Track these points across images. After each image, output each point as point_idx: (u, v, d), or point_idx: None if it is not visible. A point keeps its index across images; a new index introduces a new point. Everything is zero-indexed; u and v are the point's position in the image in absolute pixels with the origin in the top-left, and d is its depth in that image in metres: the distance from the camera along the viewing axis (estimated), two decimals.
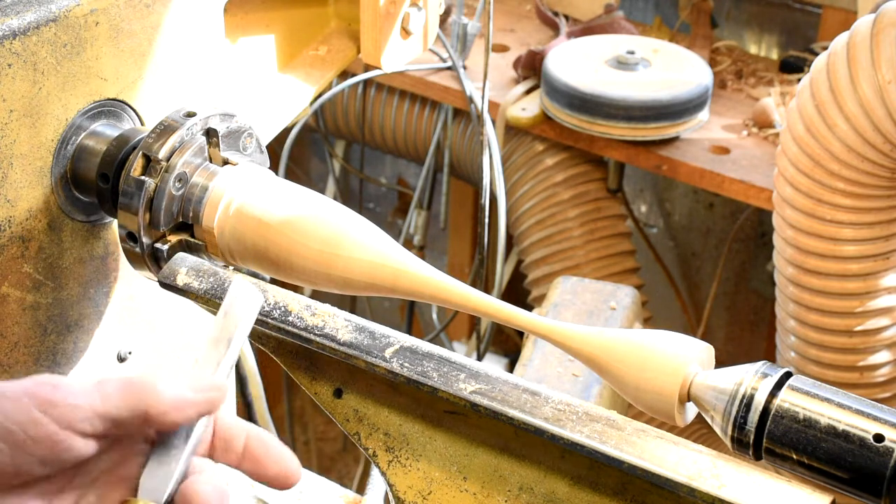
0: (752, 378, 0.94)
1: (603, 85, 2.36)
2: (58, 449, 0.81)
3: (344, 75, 2.46)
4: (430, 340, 1.55)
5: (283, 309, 1.05)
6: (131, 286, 1.26)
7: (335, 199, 1.84)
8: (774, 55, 2.90)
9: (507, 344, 3.14)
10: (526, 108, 2.51)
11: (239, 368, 1.74)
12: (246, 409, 1.78)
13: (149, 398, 0.83)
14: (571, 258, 2.57)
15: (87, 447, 0.83)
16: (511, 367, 2.48)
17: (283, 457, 0.87)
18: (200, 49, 1.28)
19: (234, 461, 0.89)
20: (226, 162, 1.13)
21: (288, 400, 3.23)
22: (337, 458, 3.54)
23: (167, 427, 0.85)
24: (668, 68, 2.43)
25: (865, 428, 0.89)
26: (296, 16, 1.54)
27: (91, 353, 1.24)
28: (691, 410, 0.99)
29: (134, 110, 1.21)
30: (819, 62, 1.78)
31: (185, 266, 1.07)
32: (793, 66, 2.64)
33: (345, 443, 3.50)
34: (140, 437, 0.87)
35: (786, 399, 0.92)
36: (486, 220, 2.23)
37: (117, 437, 0.86)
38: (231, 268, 1.13)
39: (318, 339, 1.02)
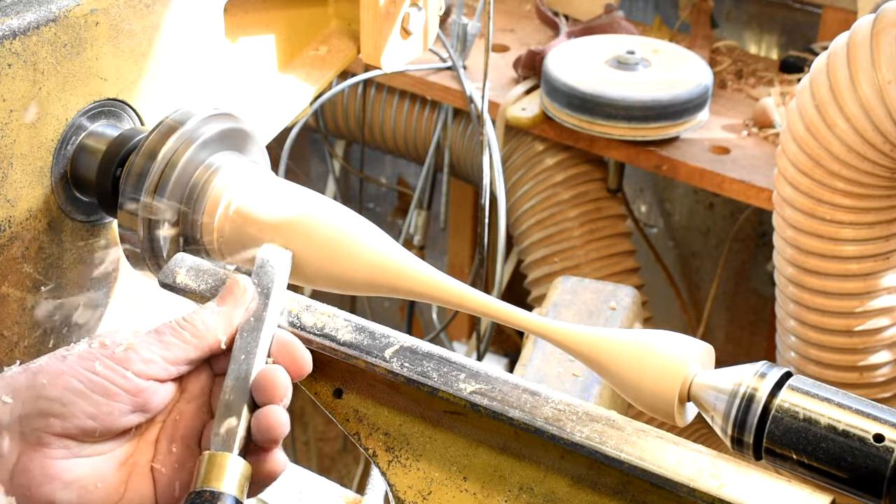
0: (751, 378, 0.94)
1: (603, 85, 2.36)
2: (146, 396, 0.94)
3: (344, 75, 2.46)
4: (430, 340, 1.55)
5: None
6: (131, 286, 1.26)
7: (335, 199, 1.84)
8: (774, 55, 2.90)
9: (507, 344, 3.14)
10: (526, 108, 2.51)
11: None
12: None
13: (202, 335, 0.97)
14: (571, 258, 2.57)
15: (169, 390, 0.97)
16: (511, 367, 2.48)
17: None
18: (200, 49, 1.28)
19: None
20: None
21: None
22: (337, 458, 3.54)
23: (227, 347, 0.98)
24: (668, 68, 2.43)
25: (865, 428, 0.89)
26: (296, 16, 1.54)
27: None
28: (691, 410, 0.99)
29: (134, 110, 1.21)
30: (819, 62, 1.78)
31: (184, 266, 1.07)
32: (793, 66, 2.64)
33: (345, 443, 3.50)
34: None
35: (786, 399, 0.92)
36: (486, 220, 2.23)
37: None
38: (232, 267, 1.13)
39: (318, 339, 1.02)
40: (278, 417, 0.94)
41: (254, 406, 0.95)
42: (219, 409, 0.95)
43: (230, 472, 0.92)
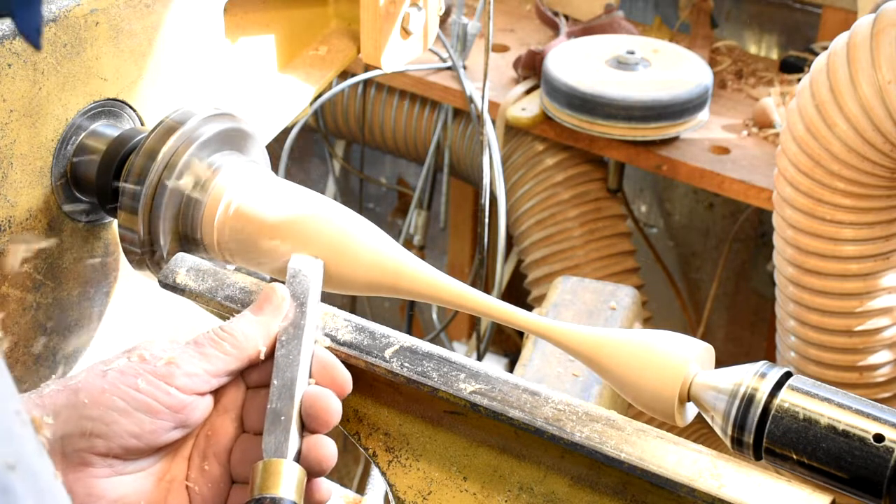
0: (751, 378, 0.94)
1: (603, 85, 2.36)
2: (188, 411, 0.93)
3: (344, 75, 2.46)
4: (430, 340, 1.55)
5: None
6: (131, 286, 1.26)
7: (335, 199, 1.84)
8: (774, 55, 2.90)
9: (507, 344, 3.14)
10: (526, 108, 2.51)
11: None
12: None
13: (242, 346, 0.96)
14: (571, 258, 2.57)
15: (209, 403, 0.96)
16: (511, 367, 2.48)
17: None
18: (200, 49, 1.28)
19: None
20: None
21: None
22: (337, 458, 3.53)
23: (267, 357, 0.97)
24: (668, 68, 2.43)
25: (865, 428, 0.89)
26: (296, 16, 1.54)
27: (91, 352, 1.24)
28: (691, 410, 0.99)
29: (134, 110, 1.21)
30: (819, 62, 1.78)
31: (184, 266, 1.07)
32: (793, 66, 2.64)
33: (345, 443, 3.49)
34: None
35: (786, 399, 0.92)
36: (486, 220, 2.23)
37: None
38: (232, 267, 1.13)
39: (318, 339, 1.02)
40: (328, 450, 0.95)
41: (300, 403, 0.95)
42: (267, 417, 0.94)
43: (286, 478, 0.91)
